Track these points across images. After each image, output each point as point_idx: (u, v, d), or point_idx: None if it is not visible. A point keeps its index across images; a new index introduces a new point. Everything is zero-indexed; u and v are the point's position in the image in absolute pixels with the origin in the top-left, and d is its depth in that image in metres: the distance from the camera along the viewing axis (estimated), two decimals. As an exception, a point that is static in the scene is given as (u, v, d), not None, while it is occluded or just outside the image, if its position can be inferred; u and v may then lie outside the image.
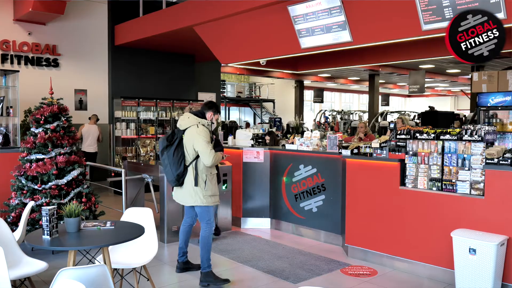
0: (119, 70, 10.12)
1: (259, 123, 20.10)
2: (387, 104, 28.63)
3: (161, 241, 6.07)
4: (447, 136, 4.60)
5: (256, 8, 6.63)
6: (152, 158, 10.13)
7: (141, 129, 10.03)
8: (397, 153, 5.01)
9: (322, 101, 26.13)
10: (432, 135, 4.71)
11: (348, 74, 23.61)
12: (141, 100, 9.94)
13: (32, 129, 5.60)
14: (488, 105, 6.14)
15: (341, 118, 21.77)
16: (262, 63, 7.93)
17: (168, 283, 4.69)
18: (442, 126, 4.72)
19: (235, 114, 27.09)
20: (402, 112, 21.65)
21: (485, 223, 4.33)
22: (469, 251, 4.15)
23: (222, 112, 23.97)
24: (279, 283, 4.67)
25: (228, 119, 24.09)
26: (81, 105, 10.13)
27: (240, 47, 7.48)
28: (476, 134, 4.42)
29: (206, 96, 12.68)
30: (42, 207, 3.31)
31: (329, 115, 23.70)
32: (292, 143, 6.57)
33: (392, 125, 12.60)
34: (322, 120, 23.16)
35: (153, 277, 4.69)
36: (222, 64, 12.35)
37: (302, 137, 6.52)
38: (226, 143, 7.40)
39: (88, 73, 10.11)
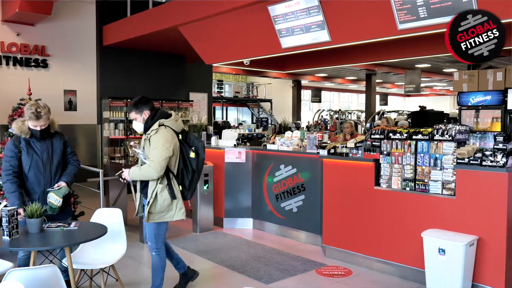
0: (107, 70, 10.13)
1: (245, 123, 20.04)
2: (386, 104, 28.57)
3: (141, 241, 6.07)
4: (419, 136, 4.58)
5: (238, 8, 6.62)
6: (141, 158, 10.18)
7: (130, 130, 10.04)
8: (372, 153, 5.00)
9: (320, 101, 26.10)
10: (405, 135, 4.69)
11: (345, 74, 23.57)
12: (129, 100, 9.92)
13: (10, 130, 5.61)
14: (469, 104, 6.10)
15: (337, 118, 21.73)
16: (246, 63, 7.92)
17: (141, 284, 4.69)
18: (433, 126, 4.73)
19: (233, 114, 27.08)
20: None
21: (456, 223, 4.31)
22: (439, 251, 4.13)
23: (219, 112, 24.00)
24: (251, 283, 4.66)
25: (226, 118, 24.10)
26: (70, 106, 10.15)
27: (224, 47, 7.47)
28: (447, 134, 4.40)
29: (198, 96, 12.68)
30: (2, 208, 3.31)
31: (326, 115, 23.67)
32: (273, 143, 6.56)
33: (368, 125, 12.58)
34: (321, 120, 23.12)
35: (128, 277, 4.70)
36: (213, 65, 12.38)
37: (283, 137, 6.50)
38: (209, 143, 7.40)
39: (77, 73, 10.13)
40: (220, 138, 7.93)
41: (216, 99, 21.96)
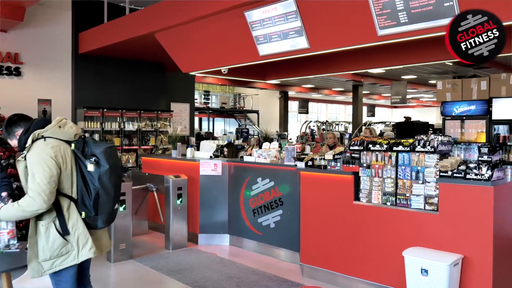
0: (83, 79, 9.76)
1: (232, 134, 19.72)
2: (373, 115, 28.47)
3: (108, 260, 5.69)
4: (400, 147, 4.30)
5: (214, 14, 6.34)
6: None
7: (106, 141, 9.66)
8: (351, 166, 4.71)
9: (307, 112, 25.90)
10: (385, 146, 4.41)
11: (332, 85, 23.46)
12: (105, 110, 9.59)
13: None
14: (453, 114, 5.87)
15: (324, 129, 21.53)
16: (224, 71, 7.63)
17: (100, 308, 4.31)
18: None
19: (220, 125, 26.77)
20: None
21: (439, 240, 4.02)
22: (421, 272, 3.83)
23: (205, 123, 23.68)
24: (221, 306, 4.32)
25: (213, 130, 23.78)
26: (45, 116, 9.74)
27: (201, 55, 7.18)
28: (429, 145, 4.12)
29: (179, 107, 12.36)
30: None
31: (313, 126, 23.48)
32: (250, 154, 6.25)
33: (347, 136, 12.35)
34: (308, 131, 22.93)
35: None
36: (196, 74, 12.08)
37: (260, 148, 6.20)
38: (185, 155, 7.07)
39: (52, 82, 9.75)
40: (198, 149, 7.62)
41: (202, 110, 21.67)
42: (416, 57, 7.24)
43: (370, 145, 4.51)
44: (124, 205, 5.76)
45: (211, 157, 6.77)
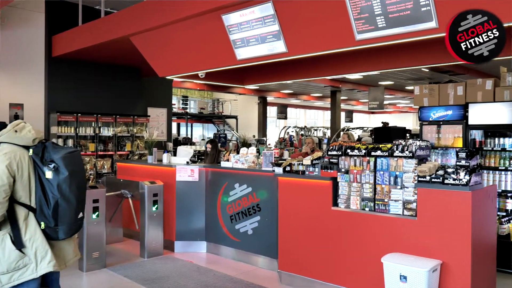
0: (56, 83, 9.50)
1: (202, 139, 19.54)
2: (351, 120, 28.71)
3: (80, 269, 5.50)
4: (378, 152, 4.26)
5: (191, 17, 6.24)
6: (92, 176, 9.54)
7: (80, 146, 9.42)
8: (329, 171, 4.65)
9: (286, 118, 25.97)
10: (364, 151, 4.37)
11: (311, 91, 23.55)
12: (79, 115, 9.35)
13: None
14: (430, 119, 5.88)
15: (302, 135, 21.57)
16: (201, 75, 7.52)
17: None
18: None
19: (198, 130, 26.58)
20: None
21: (418, 246, 3.99)
22: (400, 278, 3.78)
23: (183, 129, 23.47)
24: (197, 316, 4.19)
25: (191, 135, 23.58)
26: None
27: (177, 59, 7.06)
28: (407, 150, 4.09)
29: (156, 112, 12.18)
30: None
31: (292, 131, 23.51)
32: (228, 160, 6.14)
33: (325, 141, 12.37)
34: (287, 137, 22.94)
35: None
36: (174, 79, 11.92)
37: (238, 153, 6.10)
38: (161, 161, 6.92)
39: (24, 86, 9.46)
40: (175, 155, 7.47)
41: (180, 115, 21.47)
42: (393, 62, 7.27)
43: (349, 150, 4.47)
44: (97, 213, 5.58)
45: (187, 162, 6.64)
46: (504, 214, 5.39)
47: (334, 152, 4.58)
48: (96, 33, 7.98)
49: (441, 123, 5.78)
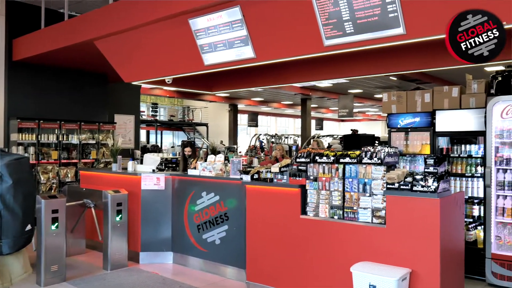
0: (17, 88, 9.13)
1: (171, 147, 19.24)
2: (321, 128, 28.93)
3: (37, 283, 5.21)
4: (347, 159, 4.20)
5: (157, 21, 6.09)
6: (54, 185, 9.19)
7: (42, 154, 9.07)
8: (297, 178, 4.56)
9: (256, 125, 25.93)
10: (332, 158, 4.29)
11: (281, 98, 23.61)
12: (42, 121, 9.01)
13: None
14: (398, 126, 5.88)
15: (273, 142, 21.54)
16: (168, 81, 7.35)
17: None
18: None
19: (168, 138, 26.24)
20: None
21: (387, 254, 3.92)
22: (369, 288, 3.71)
23: (153, 136, 23.12)
24: (160, 332, 4.00)
25: (161, 143, 23.23)
26: (-26, 127, 9.03)
27: (143, 64, 6.87)
28: (375, 157, 4.04)
29: (124, 119, 11.89)
30: None
31: (263, 139, 23.48)
32: (195, 168, 5.98)
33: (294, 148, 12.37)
34: (257, 144, 22.89)
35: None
36: (142, 85, 11.68)
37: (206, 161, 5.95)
38: (126, 169, 6.69)
39: (-18, 91, 9.06)
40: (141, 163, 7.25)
41: (150, 122, 21.13)
42: (362, 69, 7.27)
43: (317, 157, 4.39)
44: (56, 223, 5.32)
45: (153, 170, 6.44)
46: (471, 220, 5.42)
47: (303, 159, 4.49)
48: (59, 36, 7.71)
49: (409, 130, 5.79)
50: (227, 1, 5.24)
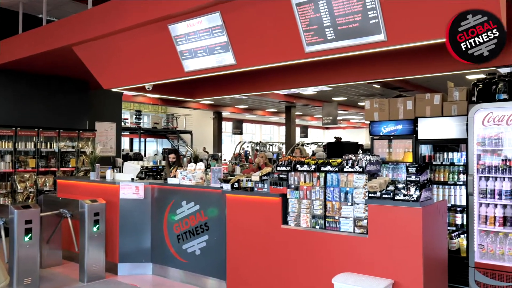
0: (-7, 94, 8.90)
1: (155, 154, 19.03)
2: (306, 136, 28.95)
3: (12, 298, 5.02)
4: (328, 168, 4.12)
5: (136, 27, 5.95)
6: (32, 194, 8.94)
7: (19, 162, 8.82)
8: (278, 187, 4.46)
9: (241, 133, 25.84)
10: (313, 166, 4.21)
11: (266, 106, 23.56)
12: (19, 129, 8.77)
13: None
14: (381, 134, 5.84)
15: (257, 150, 21.45)
16: (148, 88, 7.20)
17: None
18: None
19: (152, 146, 25.98)
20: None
21: (369, 265, 3.84)
22: (351, 300, 3.61)
23: (136, 144, 22.87)
24: None
25: (144, 150, 22.98)
26: None
27: (123, 71, 6.73)
28: (357, 165, 3.97)
29: (105, 126, 11.67)
30: None
31: (247, 147, 23.38)
32: (175, 176, 5.85)
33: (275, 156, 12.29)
34: (242, 152, 22.76)
35: None
36: (124, 92, 11.49)
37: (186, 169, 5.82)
38: (105, 178, 6.53)
39: (-43, 98, 8.80)
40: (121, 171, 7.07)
41: (133, 130, 20.88)
42: (345, 76, 7.20)
43: (298, 166, 4.30)
44: (30, 234, 5.13)
45: (133, 179, 6.28)
46: (454, 228, 5.38)
47: (283, 168, 4.40)
48: (37, 42, 7.52)
49: (391, 137, 5.74)
50: (207, 6, 5.15)
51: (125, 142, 24.57)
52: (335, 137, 15.44)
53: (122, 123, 19.96)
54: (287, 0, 4.53)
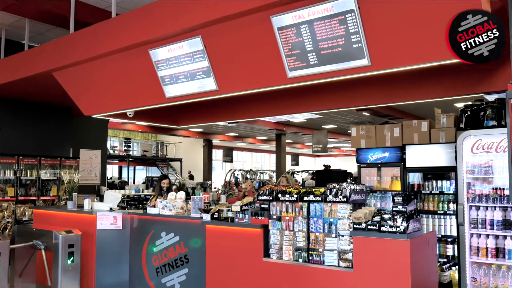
0: (-27, 121, 8.67)
1: (143, 183, 18.67)
2: (297, 164, 28.77)
3: (-28, 337, 4.67)
4: (311, 197, 3.91)
5: (116, 52, 5.82)
6: (10, 224, 8.61)
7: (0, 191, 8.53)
8: (260, 218, 4.24)
9: (231, 161, 25.63)
10: (296, 196, 4.00)
11: (256, 134, 23.46)
12: (-2, 156, 8.52)
13: None
14: (368, 161, 5.67)
15: (247, 178, 21.21)
16: (129, 114, 7.02)
17: None
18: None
19: (142, 173, 25.65)
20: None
21: (355, 302, 3.60)
22: None
23: (125, 172, 22.52)
24: None
25: (134, 178, 22.63)
26: None
27: (104, 97, 6.56)
28: (341, 194, 3.77)
29: (89, 154, 11.41)
30: None
31: (238, 174, 23.14)
32: (154, 206, 5.60)
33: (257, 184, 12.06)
34: (232, 180, 22.52)
35: None
36: (110, 120, 11.30)
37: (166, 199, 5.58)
38: (82, 207, 6.26)
39: None
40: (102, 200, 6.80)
41: (122, 157, 20.60)
42: (332, 103, 7.04)
43: (280, 195, 4.09)
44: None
45: (111, 208, 6.02)
46: (445, 260, 5.16)
47: (265, 197, 4.19)
48: (17, 67, 7.36)
49: (379, 165, 5.57)
50: (188, 31, 5.03)
51: (114, 170, 24.26)
52: (324, 165, 15.28)
53: (111, 151, 19.74)
54: (269, 25, 4.42)
